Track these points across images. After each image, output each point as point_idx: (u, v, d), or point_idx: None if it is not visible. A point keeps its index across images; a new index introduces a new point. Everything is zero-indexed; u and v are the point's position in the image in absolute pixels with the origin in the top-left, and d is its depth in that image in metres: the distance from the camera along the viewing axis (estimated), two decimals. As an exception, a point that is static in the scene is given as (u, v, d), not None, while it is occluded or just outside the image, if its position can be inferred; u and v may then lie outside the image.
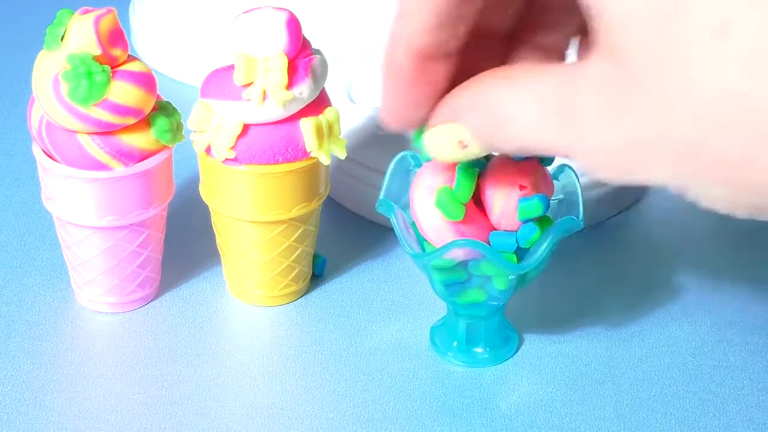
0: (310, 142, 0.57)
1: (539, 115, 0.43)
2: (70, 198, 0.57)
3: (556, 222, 0.53)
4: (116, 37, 0.55)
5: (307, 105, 0.57)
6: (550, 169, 0.55)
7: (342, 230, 0.66)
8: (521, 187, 0.52)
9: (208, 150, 0.57)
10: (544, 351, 0.59)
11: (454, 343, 0.58)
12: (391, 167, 0.56)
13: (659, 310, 0.61)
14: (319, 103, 0.57)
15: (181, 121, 0.58)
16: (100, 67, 0.54)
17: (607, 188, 0.66)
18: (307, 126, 0.56)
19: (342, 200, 0.68)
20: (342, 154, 0.58)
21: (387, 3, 0.71)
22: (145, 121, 0.56)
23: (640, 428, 0.55)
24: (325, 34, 0.71)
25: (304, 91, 0.56)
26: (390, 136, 0.62)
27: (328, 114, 0.57)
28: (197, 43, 0.77)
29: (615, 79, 0.40)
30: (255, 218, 0.58)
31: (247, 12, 0.56)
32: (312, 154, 0.57)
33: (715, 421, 0.55)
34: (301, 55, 0.56)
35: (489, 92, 0.45)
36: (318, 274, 0.63)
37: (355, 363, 0.58)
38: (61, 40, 0.55)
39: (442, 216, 0.51)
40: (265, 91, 0.55)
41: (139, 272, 0.60)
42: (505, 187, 0.52)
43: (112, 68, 0.55)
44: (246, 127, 0.56)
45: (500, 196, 0.52)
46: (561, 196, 0.55)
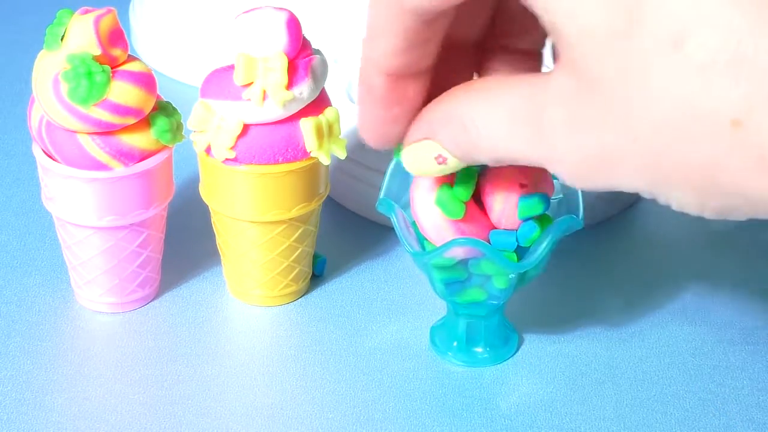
0: (310, 142, 0.57)
1: (511, 127, 0.43)
2: (70, 198, 0.57)
3: (556, 221, 0.53)
4: (116, 37, 0.55)
5: (307, 105, 0.57)
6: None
7: (342, 230, 0.66)
8: (521, 186, 0.51)
9: (208, 150, 0.57)
10: (544, 351, 0.59)
11: (454, 343, 0.58)
12: (391, 167, 0.56)
13: (659, 310, 0.61)
14: (319, 103, 0.57)
15: (181, 121, 0.58)
16: (100, 67, 0.54)
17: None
18: (307, 126, 0.56)
19: (342, 200, 0.68)
20: (342, 154, 0.58)
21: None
22: (145, 121, 0.56)
23: (640, 428, 0.55)
24: (325, 34, 0.71)
25: (304, 91, 0.56)
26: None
27: (328, 114, 0.57)
28: (197, 43, 0.77)
29: (577, 92, 0.41)
30: (255, 218, 0.58)
31: (247, 12, 0.56)
32: (312, 154, 0.57)
33: (715, 421, 0.55)
34: (301, 55, 0.56)
35: (461, 106, 0.45)
36: (318, 274, 0.63)
37: (355, 363, 0.58)
38: (61, 40, 0.55)
39: (443, 214, 0.51)
40: (265, 91, 0.55)
41: (139, 272, 0.60)
42: (506, 186, 0.52)
43: (112, 68, 0.55)
44: (246, 127, 0.56)
45: (500, 195, 0.52)
46: (561, 195, 0.55)
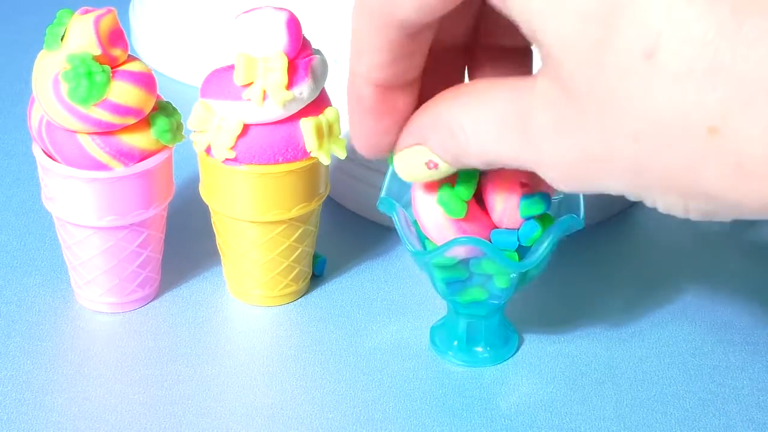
0: (310, 142, 0.57)
1: (498, 131, 0.44)
2: (70, 198, 0.57)
3: (558, 220, 0.53)
4: (116, 37, 0.55)
5: (307, 105, 0.57)
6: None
7: (342, 230, 0.66)
8: (522, 185, 0.51)
9: (208, 150, 0.57)
10: (544, 351, 0.59)
11: (455, 343, 0.58)
12: (392, 166, 0.56)
13: (659, 310, 0.61)
14: (319, 103, 0.57)
15: (181, 121, 0.58)
16: (100, 67, 0.54)
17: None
18: (307, 126, 0.56)
19: (342, 200, 0.68)
20: (342, 154, 0.58)
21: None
22: (145, 121, 0.56)
23: (640, 428, 0.55)
24: (325, 34, 0.71)
25: (304, 91, 0.56)
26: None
27: (328, 114, 0.57)
28: (197, 43, 0.77)
29: (560, 98, 0.41)
30: (255, 218, 0.58)
31: (247, 12, 0.56)
32: (312, 154, 0.57)
33: (715, 421, 0.55)
34: (301, 55, 0.56)
35: (449, 112, 0.46)
36: (318, 274, 0.63)
37: (355, 363, 0.58)
38: (61, 40, 0.55)
39: (444, 213, 0.51)
40: (265, 91, 0.55)
41: (139, 272, 0.60)
42: (507, 185, 0.52)
43: (112, 68, 0.55)
44: (246, 127, 0.56)
45: (502, 194, 0.52)
46: (562, 195, 0.55)
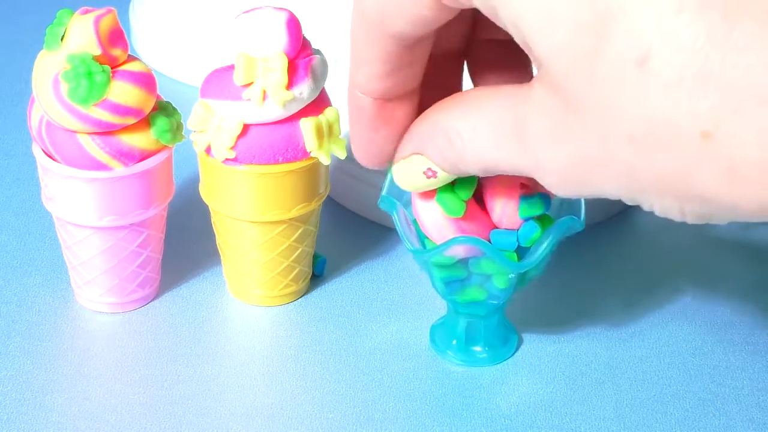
0: (310, 142, 0.57)
1: (495, 138, 0.44)
2: (70, 198, 0.57)
3: (557, 221, 0.53)
4: (116, 37, 0.55)
5: (307, 105, 0.57)
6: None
7: (342, 230, 0.66)
8: (522, 186, 0.51)
9: (208, 150, 0.57)
10: (543, 351, 0.59)
11: (453, 342, 0.58)
12: (391, 173, 0.56)
13: (659, 310, 0.61)
14: (319, 103, 0.57)
15: (181, 121, 0.58)
16: (100, 67, 0.54)
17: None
18: (307, 126, 0.56)
19: (342, 200, 0.68)
20: (342, 154, 0.58)
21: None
22: (145, 121, 0.56)
23: (640, 428, 0.55)
24: (325, 34, 0.71)
25: (304, 91, 0.56)
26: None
27: (328, 114, 0.57)
28: (197, 43, 0.77)
29: (555, 105, 0.41)
30: (255, 218, 0.58)
31: (247, 12, 0.56)
32: (312, 154, 0.57)
33: (715, 421, 0.55)
34: (301, 55, 0.56)
35: (446, 120, 0.46)
36: (318, 274, 0.63)
37: (355, 363, 0.58)
38: (61, 40, 0.55)
39: (443, 212, 0.51)
40: (265, 91, 0.55)
41: (139, 272, 0.60)
42: (507, 186, 0.52)
43: (112, 68, 0.55)
44: (246, 127, 0.56)
45: (501, 194, 0.52)
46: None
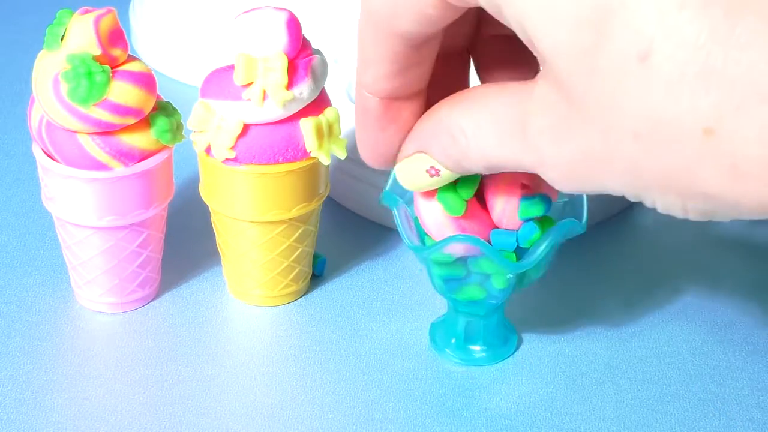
0: (310, 142, 0.57)
1: (499, 134, 0.44)
2: (70, 198, 0.57)
3: (558, 224, 0.53)
4: (116, 37, 0.55)
5: (307, 105, 0.57)
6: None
7: (342, 230, 0.66)
8: (523, 186, 0.51)
9: (208, 150, 0.57)
10: (543, 351, 0.59)
11: (452, 340, 0.58)
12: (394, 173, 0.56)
13: (659, 310, 0.61)
14: (319, 103, 0.57)
15: (181, 121, 0.58)
16: (100, 67, 0.54)
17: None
18: (307, 126, 0.56)
19: (342, 200, 0.68)
20: (342, 154, 0.58)
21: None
22: (145, 121, 0.56)
23: (640, 428, 0.55)
24: (325, 34, 0.71)
25: (304, 91, 0.56)
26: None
27: (328, 114, 0.57)
28: (197, 43, 0.77)
29: (558, 101, 0.41)
30: (255, 218, 0.58)
31: (247, 12, 0.56)
32: (312, 154, 0.57)
33: (715, 421, 0.55)
34: (301, 55, 0.56)
35: (449, 118, 0.46)
36: (318, 274, 0.63)
37: (355, 363, 0.58)
38: (61, 40, 0.55)
39: (444, 211, 0.51)
40: (265, 91, 0.55)
41: (139, 272, 0.60)
42: (508, 186, 0.52)
43: (112, 68, 0.55)
44: (246, 127, 0.56)
45: (502, 194, 0.52)
46: (566, 198, 0.55)
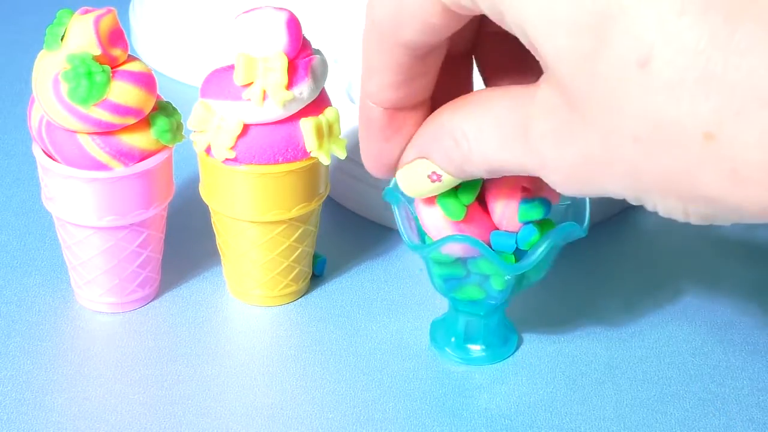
0: (310, 142, 0.57)
1: (501, 138, 0.44)
2: (70, 198, 0.57)
3: (557, 227, 0.53)
4: (116, 37, 0.55)
5: (307, 105, 0.57)
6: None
7: (342, 230, 0.66)
8: (524, 189, 0.51)
9: (208, 150, 0.57)
10: (543, 351, 0.59)
11: (452, 339, 0.58)
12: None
13: (659, 310, 0.61)
14: (319, 103, 0.57)
15: (181, 121, 0.58)
16: (100, 67, 0.54)
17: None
18: (307, 126, 0.56)
19: (342, 200, 0.68)
20: (342, 154, 0.58)
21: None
22: (145, 121, 0.56)
23: (640, 428, 0.55)
24: (325, 34, 0.71)
25: (304, 91, 0.56)
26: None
27: (328, 114, 0.57)
28: (197, 43, 0.77)
29: (561, 105, 0.41)
30: (255, 218, 0.58)
31: (247, 12, 0.56)
32: (312, 154, 0.57)
33: (715, 421, 0.55)
34: (301, 55, 0.56)
35: (451, 122, 0.46)
36: (318, 274, 0.63)
37: (355, 363, 0.58)
38: (61, 40, 0.55)
39: (444, 215, 0.51)
40: (265, 91, 0.55)
41: (139, 272, 0.60)
42: (508, 189, 0.52)
43: (112, 68, 0.55)
44: (246, 127, 0.56)
45: (503, 197, 0.52)
46: (568, 201, 0.55)
